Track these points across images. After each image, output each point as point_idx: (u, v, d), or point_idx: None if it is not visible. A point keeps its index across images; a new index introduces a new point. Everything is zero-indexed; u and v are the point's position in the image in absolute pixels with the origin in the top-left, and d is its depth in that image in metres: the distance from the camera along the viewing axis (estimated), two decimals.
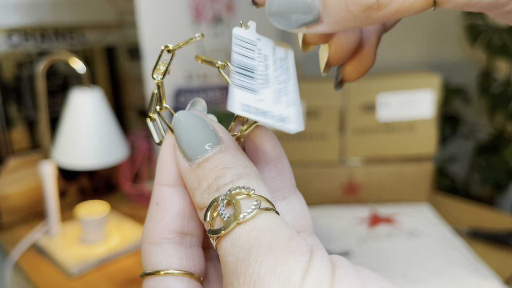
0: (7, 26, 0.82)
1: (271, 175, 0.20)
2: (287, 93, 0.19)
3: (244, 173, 0.18)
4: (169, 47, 0.21)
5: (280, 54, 0.21)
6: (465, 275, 0.65)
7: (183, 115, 0.20)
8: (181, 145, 0.19)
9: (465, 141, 1.83)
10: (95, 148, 0.73)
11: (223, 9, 1.17)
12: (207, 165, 0.18)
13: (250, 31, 0.21)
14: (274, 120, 0.18)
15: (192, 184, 0.19)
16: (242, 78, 0.19)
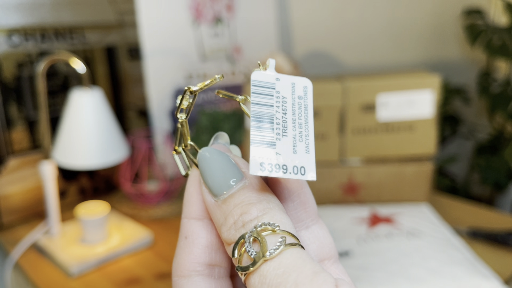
0: (8, 26, 0.82)
1: (294, 205, 0.21)
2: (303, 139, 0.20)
3: (268, 208, 0.18)
4: (192, 89, 0.22)
5: (299, 92, 0.21)
6: (465, 275, 0.65)
7: (208, 151, 0.21)
8: (206, 181, 0.20)
9: (464, 141, 1.83)
10: (95, 148, 0.73)
11: (223, 9, 1.17)
12: (232, 201, 0.19)
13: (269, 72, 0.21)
14: (292, 174, 0.19)
15: (218, 220, 0.19)
16: (260, 133, 0.19)
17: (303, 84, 0.21)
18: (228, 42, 1.19)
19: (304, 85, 0.21)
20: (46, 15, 0.87)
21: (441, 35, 1.80)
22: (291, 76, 0.21)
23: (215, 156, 0.20)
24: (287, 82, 0.21)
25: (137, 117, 1.04)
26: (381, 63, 1.65)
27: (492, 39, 1.42)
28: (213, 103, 1.17)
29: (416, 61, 1.77)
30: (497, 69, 1.65)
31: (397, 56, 1.71)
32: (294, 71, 1.17)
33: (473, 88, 1.72)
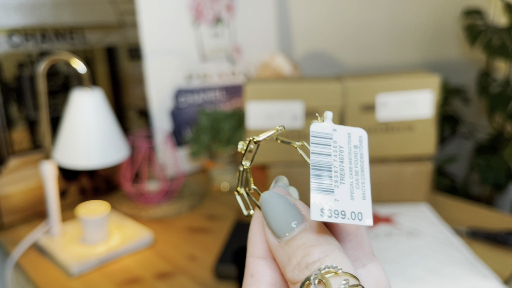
0: (8, 27, 0.82)
1: (352, 245, 0.22)
2: (360, 186, 0.21)
3: (329, 250, 0.20)
4: (255, 139, 0.24)
5: (355, 141, 0.22)
6: (464, 274, 0.66)
7: (270, 195, 0.22)
8: (269, 223, 0.21)
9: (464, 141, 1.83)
10: (96, 148, 0.73)
11: (223, 9, 1.18)
12: (295, 243, 0.20)
13: (326, 123, 0.22)
14: (350, 220, 0.20)
15: (282, 260, 0.21)
16: (320, 180, 0.21)
17: (358, 134, 0.22)
18: (228, 42, 1.19)
19: (359, 135, 0.22)
20: (46, 15, 0.87)
21: (441, 36, 1.80)
22: (347, 127, 0.22)
23: (277, 200, 0.22)
24: (343, 133, 0.22)
25: (137, 117, 1.04)
26: (381, 63, 1.66)
27: (492, 39, 1.42)
28: (213, 103, 1.17)
29: (416, 61, 1.77)
30: (497, 69, 1.65)
31: (397, 57, 1.71)
32: (294, 71, 1.18)
33: (472, 88, 1.73)
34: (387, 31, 1.63)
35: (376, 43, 1.62)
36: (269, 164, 0.89)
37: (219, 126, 1.00)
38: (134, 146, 0.94)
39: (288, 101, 0.86)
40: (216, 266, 0.70)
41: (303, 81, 0.88)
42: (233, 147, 1.00)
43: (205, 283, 0.70)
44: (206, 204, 0.97)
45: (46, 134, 0.76)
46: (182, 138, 1.11)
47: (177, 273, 0.72)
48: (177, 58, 1.09)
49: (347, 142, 0.22)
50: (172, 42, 1.08)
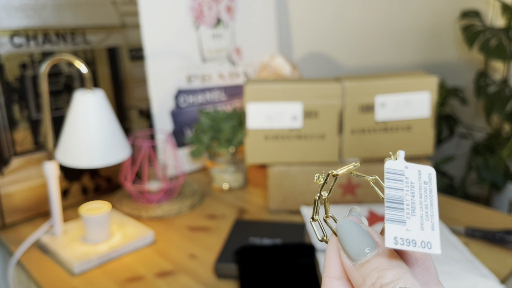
0: (10, 28, 0.83)
1: (420, 270, 0.24)
2: (429, 218, 0.23)
3: (401, 273, 0.22)
4: (334, 173, 0.26)
5: (425, 178, 0.24)
6: (462, 273, 0.66)
7: (345, 222, 0.24)
8: (345, 248, 0.24)
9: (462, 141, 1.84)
10: (97, 148, 0.74)
11: (223, 10, 1.18)
12: (369, 266, 0.22)
13: (399, 161, 0.25)
14: (420, 248, 0.22)
15: (357, 281, 0.23)
16: (394, 212, 0.23)
17: (427, 172, 0.25)
18: (228, 43, 1.20)
19: (428, 173, 0.25)
20: (48, 17, 0.87)
21: (439, 37, 1.81)
22: (417, 165, 0.25)
23: (353, 227, 0.24)
24: (414, 170, 0.25)
25: (138, 117, 1.05)
26: (379, 64, 1.66)
27: (490, 40, 1.43)
28: (214, 103, 1.18)
29: (414, 62, 1.78)
30: (494, 70, 1.66)
31: (395, 58, 1.72)
32: (293, 72, 1.18)
33: (470, 88, 1.73)
34: (386, 33, 1.64)
35: (375, 44, 1.63)
36: (269, 164, 0.90)
37: (219, 126, 1.01)
38: (135, 146, 0.95)
39: (288, 101, 0.86)
40: (217, 265, 0.71)
41: (303, 81, 0.89)
42: (233, 147, 1.01)
43: (205, 281, 0.70)
44: (206, 203, 0.97)
45: (48, 134, 0.77)
46: (182, 138, 1.12)
47: (178, 271, 0.73)
48: (178, 59, 1.10)
49: (418, 178, 0.24)
50: (173, 43, 1.09)
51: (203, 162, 1.15)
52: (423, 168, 0.25)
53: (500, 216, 0.90)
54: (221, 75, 1.19)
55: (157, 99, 1.06)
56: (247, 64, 1.25)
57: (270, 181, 0.90)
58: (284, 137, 0.88)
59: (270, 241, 0.77)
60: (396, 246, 0.22)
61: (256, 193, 1.03)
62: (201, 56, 1.14)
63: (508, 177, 1.46)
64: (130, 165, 0.93)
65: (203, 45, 1.15)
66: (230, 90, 1.21)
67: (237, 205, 0.97)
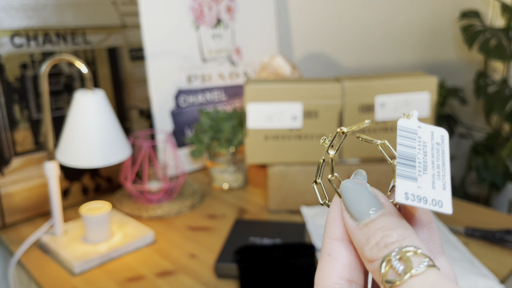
0: (11, 28, 0.83)
1: (425, 237, 0.24)
2: (441, 178, 0.23)
3: (407, 234, 0.21)
4: (343, 130, 0.26)
5: (437, 139, 0.24)
6: (462, 273, 0.67)
7: (351, 182, 0.24)
8: (349, 208, 0.23)
9: (462, 141, 1.84)
10: (98, 148, 0.74)
11: (224, 11, 1.18)
12: (373, 226, 0.22)
13: (412, 120, 0.24)
14: (431, 206, 0.22)
15: (360, 241, 0.22)
16: (405, 168, 0.22)
17: (440, 133, 0.25)
18: (228, 43, 1.20)
19: (441, 134, 0.25)
20: (48, 17, 0.87)
21: (439, 37, 1.81)
22: (430, 126, 0.24)
23: (357, 187, 0.23)
24: (427, 130, 0.24)
25: (138, 117, 1.05)
26: (379, 65, 1.67)
27: (489, 40, 1.43)
28: (214, 103, 1.18)
29: (414, 63, 1.78)
30: (494, 70, 1.66)
31: (395, 58, 1.72)
32: (293, 72, 1.19)
33: (470, 89, 1.74)
34: (386, 33, 1.64)
35: (375, 45, 1.63)
36: (269, 164, 0.90)
37: (219, 126, 1.01)
38: (135, 146, 0.95)
39: (288, 101, 0.86)
40: (217, 265, 0.71)
41: (303, 81, 0.89)
42: (233, 147, 1.01)
43: (205, 281, 0.71)
44: (206, 203, 0.98)
45: (49, 134, 0.77)
46: (183, 138, 1.12)
47: (178, 271, 0.73)
48: (178, 59, 1.10)
49: (431, 138, 0.24)
50: (173, 43, 1.09)
51: (203, 162, 1.15)
52: (436, 129, 0.24)
53: (500, 216, 0.90)
54: (221, 75, 1.19)
55: (157, 99, 1.07)
56: (247, 64, 1.25)
57: (270, 181, 0.90)
58: (284, 137, 0.88)
59: (270, 241, 0.77)
60: (406, 201, 0.21)
61: (256, 193, 1.03)
62: (201, 56, 1.14)
63: (508, 177, 1.46)
64: (130, 165, 0.93)
65: (203, 45, 1.15)
66: (230, 90, 1.21)
67: (237, 205, 0.97)
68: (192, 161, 1.14)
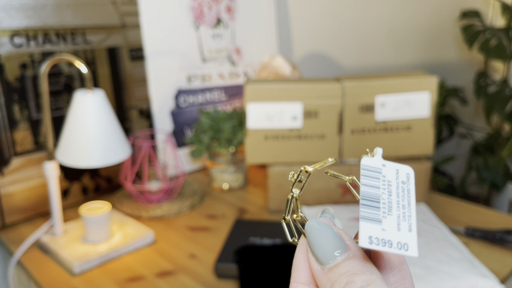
0: (10, 28, 0.83)
1: (396, 280, 0.23)
2: (406, 219, 0.22)
3: (371, 279, 0.20)
4: (307, 169, 0.25)
5: (402, 177, 0.23)
6: (462, 273, 0.66)
7: (316, 222, 0.23)
8: (314, 250, 0.22)
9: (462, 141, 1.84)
10: (98, 148, 0.74)
11: (224, 10, 1.18)
12: (338, 271, 0.21)
13: (376, 158, 0.23)
14: (396, 249, 0.21)
15: (325, 286, 0.21)
16: (369, 210, 0.22)
17: (406, 171, 0.24)
18: (228, 43, 1.20)
19: (407, 172, 0.24)
20: (48, 17, 0.87)
21: (439, 37, 1.81)
22: (395, 164, 0.24)
23: (322, 228, 0.22)
24: (392, 168, 0.23)
25: (138, 117, 1.05)
26: (379, 64, 1.66)
27: (490, 40, 1.43)
28: (214, 103, 1.18)
29: (415, 63, 1.78)
30: (494, 70, 1.66)
31: (395, 58, 1.72)
32: (293, 72, 1.19)
33: (470, 88, 1.73)
34: (386, 33, 1.64)
35: (375, 44, 1.63)
36: (269, 164, 0.90)
37: (219, 126, 1.01)
38: (135, 146, 0.95)
39: (288, 101, 0.86)
40: (217, 265, 0.71)
41: (303, 81, 0.89)
42: (233, 147, 1.01)
43: (205, 281, 0.71)
44: (206, 203, 0.97)
45: (48, 134, 0.77)
46: (182, 138, 1.12)
47: (178, 271, 0.73)
48: (178, 59, 1.10)
49: (395, 177, 0.23)
50: (173, 43, 1.09)
51: (203, 162, 1.15)
52: (401, 167, 0.23)
53: (500, 216, 0.90)
54: (221, 75, 1.19)
55: (157, 99, 1.07)
56: (247, 64, 1.25)
57: (270, 181, 0.90)
58: (284, 137, 0.88)
59: (270, 241, 0.77)
60: (370, 246, 0.20)
61: (256, 193, 1.03)
62: (201, 56, 1.14)
63: (508, 177, 1.46)
64: (130, 165, 0.93)
65: (203, 45, 1.15)
66: (230, 90, 1.21)
67: (237, 205, 0.97)
68: (192, 161, 1.14)
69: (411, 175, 0.24)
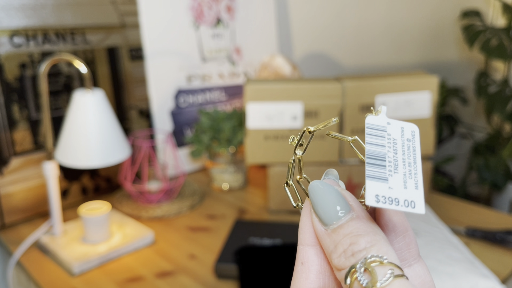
0: (10, 27, 0.83)
1: (400, 246, 0.23)
2: (413, 176, 0.22)
3: (375, 240, 0.20)
4: (310, 129, 0.24)
5: (408, 135, 0.23)
6: (463, 274, 0.66)
7: (320, 183, 0.22)
8: (317, 211, 0.22)
9: (462, 141, 1.84)
10: (97, 148, 0.74)
11: (223, 10, 1.18)
12: (342, 231, 0.21)
13: (381, 117, 0.23)
14: (403, 207, 0.20)
15: (328, 247, 0.21)
16: (375, 169, 0.21)
17: (411, 129, 0.23)
18: (228, 43, 1.20)
19: (412, 130, 0.23)
20: (48, 16, 0.87)
21: (440, 37, 1.81)
22: (400, 121, 0.23)
23: (325, 188, 0.22)
24: (397, 126, 0.23)
25: (138, 117, 1.05)
26: (379, 64, 1.66)
27: (490, 40, 1.43)
28: (214, 103, 1.18)
29: (415, 62, 1.78)
30: (495, 70, 1.66)
31: (396, 58, 1.71)
32: (294, 72, 1.18)
33: (471, 88, 1.73)
34: (386, 32, 1.64)
35: (375, 44, 1.63)
36: (269, 164, 0.90)
37: (219, 126, 1.01)
38: (135, 146, 0.94)
39: (288, 101, 0.86)
40: (216, 265, 0.71)
41: (303, 81, 0.89)
42: (233, 147, 1.01)
43: (205, 282, 0.70)
44: (206, 203, 0.97)
45: (48, 134, 0.77)
46: (182, 138, 1.12)
47: (178, 272, 0.73)
48: (177, 59, 1.10)
49: (401, 135, 0.23)
50: (173, 42, 1.09)
51: (203, 162, 1.15)
52: (407, 125, 0.23)
53: (501, 216, 0.90)
54: (221, 75, 1.19)
55: (157, 99, 1.06)
56: (247, 64, 1.25)
57: (270, 181, 0.90)
58: (284, 137, 0.88)
59: (270, 241, 0.77)
60: (377, 204, 0.20)
61: (256, 193, 1.02)
62: (201, 56, 1.14)
63: (509, 177, 1.46)
64: (130, 165, 0.93)
65: (203, 45, 1.15)
66: (230, 90, 1.21)
67: (237, 205, 0.96)
68: (192, 161, 1.14)
69: (416, 132, 0.23)
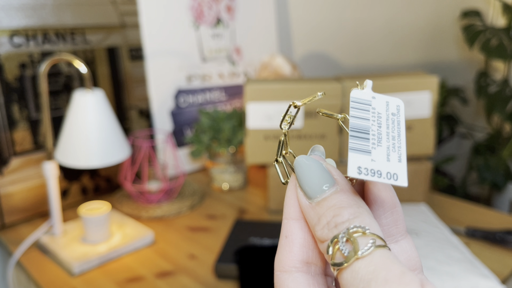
0: (10, 27, 0.83)
1: (387, 222, 0.23)
2: (396, 150, 0.22)
3: (358, 212, 0.20)
4: (296, 104, 0.25)
5: (392, 109, 0.23)
6: (463, 274, 0.66)
7: (304, 158, 0.23)
8: (302, 184, 0.22)
9: (462, 141, 1.84)
10: (97, 148, 0.74)
11: (223, 10, 1.18)
12: (325, 204, 0.21)
13: (366, 91, 0.23)
14: (385, 179, 0.21)
15: (312, 220, 0.21)
16: (358, 142, 0.21)
17: (396, 103, 0.24)
18: (228, 43, 1.20)
19: (397, 104, 0.24)
20: (48, 16, 0.87)
21: (440, 37, 1.81)
22: (385, 96, 0.23)
23: (310, 162, 0.22)
24: (382, 101, 0.23)
25: (138, 117, 1.05)
26: (379, 64, 1.66)
27: (490, 40, 1.43)
28: (214, 103, 1.18)
29: (415, 62, 1.78)
30: (495, 69, 1.66)
31: (396, 58, 1.71)
32: (294, 72, 1.18)
33: (471, 88, 1.73)
34: (386, 32, 1.64)
35: (375, 44, 1.63)
36: (269, 164, 0.90)
37: (219, 126, 1.01)
38: (135, 146, 0.94)
39: (288, 101, 0.86)
40: (216, 265, 0.71)
41: (303, 81, 0.89)
42: (233, 147, 1.01)
43: (205, 282, 0.70)
44: (206, 203, 0.97)
45: (48, 134, 0.77)
46: (182, 138, 1.12)
47: (178, 272, 0.73)
48: (177, 59, 1.10)
49: (385, 109, 0.23)
50: (173, 42, 1.09)
51: (203, 162, 1.15)
52: (391, 100, 0.23)
53: (501, 216, 0.90)
54: (221, 75, 1.19)
55: (157, 99, 1.06)
56: (247, 64, 1.25)
57: (270, 181, 0.90)
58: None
59: (270, 241, 0.77)
60: (359, 176, 0.20)
61: (256, 193, 1.02)
62: (201, 56, 1.14)
63: (509, 177, 1.46)
64: (130, 165, 0.93)
65: (203, 44, 1.15)
66: (230, 90, 1.21)
67: (237, 205, 0.96)
68: (192, 161, 1.14)
69: (401, 106, 0.23)
